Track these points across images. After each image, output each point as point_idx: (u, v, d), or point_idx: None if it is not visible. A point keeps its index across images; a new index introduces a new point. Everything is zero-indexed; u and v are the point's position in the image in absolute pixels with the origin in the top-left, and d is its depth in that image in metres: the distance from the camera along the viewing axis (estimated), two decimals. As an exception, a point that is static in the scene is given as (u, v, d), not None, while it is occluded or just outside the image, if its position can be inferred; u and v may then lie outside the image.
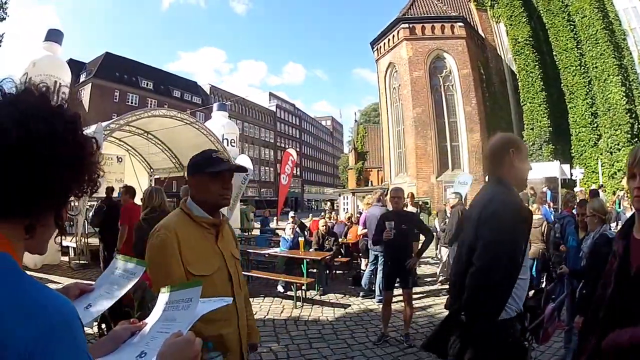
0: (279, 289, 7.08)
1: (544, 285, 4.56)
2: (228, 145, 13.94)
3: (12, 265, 0.65)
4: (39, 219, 0.72)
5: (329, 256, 7.57)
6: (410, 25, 23.27)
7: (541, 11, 22.69)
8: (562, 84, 21.34)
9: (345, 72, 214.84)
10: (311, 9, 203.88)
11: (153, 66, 50.72)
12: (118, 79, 42.65)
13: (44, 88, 0.74)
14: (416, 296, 6.30)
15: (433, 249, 9.48)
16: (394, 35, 24.34)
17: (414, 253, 4.99)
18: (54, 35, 10.36)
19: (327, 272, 8.07)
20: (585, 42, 20.49)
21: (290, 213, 10.49)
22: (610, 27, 20.23)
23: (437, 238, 8.66)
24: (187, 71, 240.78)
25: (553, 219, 7.15)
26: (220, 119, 15.54)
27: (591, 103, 20.19)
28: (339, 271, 8.97)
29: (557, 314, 2.74)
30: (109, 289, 1.16)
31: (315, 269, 7.37)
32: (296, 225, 8.64)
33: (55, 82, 9.04)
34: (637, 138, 18.35)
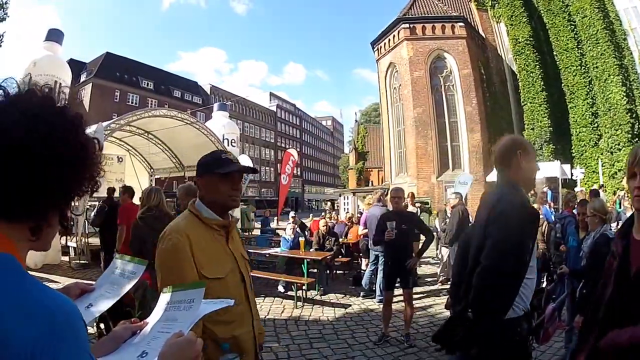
0: (280, 289, 7.08)
1: (545, 285, 4.55)
2: (228, 145, 13.94)
3: (15, 266, 0.65)
4: (46, 219, 0.72)
5: (329, 256, 7.57)
6: (411, 25, 23.28)
7: (542, 11, 22.68)
8: (563, 84, 21.33)
9: (346, 72, 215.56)
10: (311, 9, 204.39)
11: (153, 66, 50.83)
12: (118, 79, 42.67)
13: (48, 89, 0.74)
14: (417, 296, 6.30)
15: (433, 249, 9.48)
16: (394, 35, 24.34)
17: (415, 253, 4.99)
18: (54, 35, 10.36)
19: (328, 272, 8.06)
20: (586, 42, 20.48)
21: (291, 213, 10.49)
22: (611, 27, 20.22)
23: (438, 238, 8.66)
24: (188, 71, 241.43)
25: (554, 219, 7.15)
26: (221, 119, 15.56)
27: (592, 103, 20.18)
28: (339, 271, 8.97)
29: (558, 314, 2.74)
30: (110, 288, 1.17)
31: (315, 269, 7.37)
32: (297, 225, 8.64)
33: (55, 82, 9.04)
34: (638, 138, 18.33)
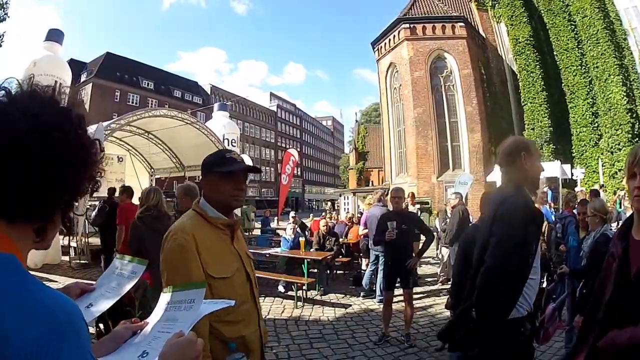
0: (280, 289, 7.08)
1: (545, 285, 4.56)
2: (229, 145, 13.95)
3: (17, 266, 0.65)
4: (51, 220, 0.72)
5: (329, 256, 7.57)
6: (411, 25, 23.28)
7: (542, 11, 22.68)
8: (563, 84, 21.34)
9: (346, 72, 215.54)
10: (312, 9, 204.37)
11: (154, 66, 50.82)
12: (119, 79, 42.68)
13: (48, 89, 0.74)
14: (417, 296, 6.29)
15: (434, 249, 9.48)
16: (394, 36, 24.34)
17: (415, 253, 4.99)
18: (54, 35, 10.36)
19: (328, 272, 8.06)
20: (586, 42, 20.49)
21: (291, 213, 10.50)
22: (611, 27, 20.23)
23: (438, 238, 8.66)
24: (188, 71, 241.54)
25: (554, 219, 7.14)
26: (221, 119, 15.57)
27: (592, 103, 20.19)
28: (339, 271, 8.96)
29: (558, 313, 2.74)
30: (110, 288, 1.17)
31: (316, 269, 7.37)
32: (297, 225, 8.64)
33: (55, 82, 9.00)
34: (638, 138, 18.33)
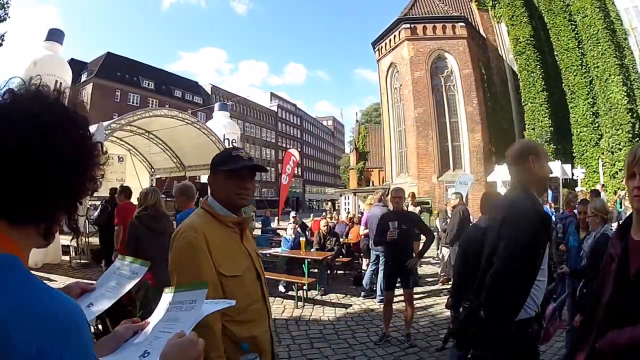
0: (280, 288, 7.07)
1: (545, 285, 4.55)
2: (229, 145, 13.94)
3: (19, 266, 0.65)
4: (55, 220, 0.72)
5: (330, 256, 7.57)
6: (412, 25, 23.29)
7: (542, 11, 22.67)
8: (564, 84, 21.32)
9: (347, 72, 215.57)
10: (312, 9, 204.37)
11: (154, 66, 50.86)
12: (119, 79, 42.71)
13: (49, 89, 0.74)
14: (417, 296, 6.29)
15: (434, 249, 9.48)
16: (395, 36, 24.35)
17: (415, 253, 4.99)
18: (55, 35, 10.37)
19: (329, 272, 8.06)
20: (587, 42, 20.46)
21: (292, 213, 10.50)
22: (612, 27, 20.21)
23: (439, 238, 8.65)
24: (188, 71, 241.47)
25: (555, 219, 7.13)
26: (222, 119, 15.58)
27: (592, 103, 20.17)
28: (340, 271, 8.95)
29: (558, 313, 2.75)
30: (111, 288, 1.17)
31: (316, 269, 7.37)
32: (297, 225, 8.64)
33: (56, 82, 9.04)
34: (639, 138, 18.31)
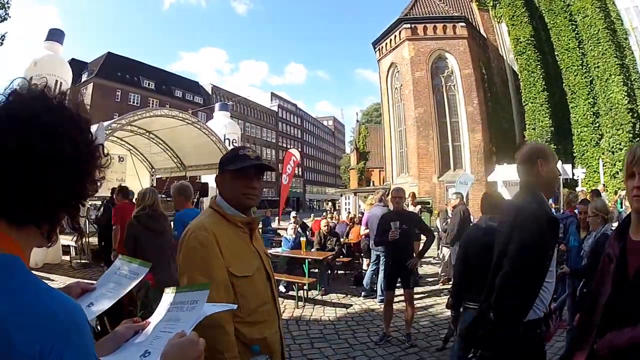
0: (281, 288, 7.06)
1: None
2: (230, 145, 13.93)
3: (21, 267, 0.65)
4: (57, 221, 0.73)
5: (330, 256, 7.57)
6: (412, 25, 23.28)
7: (543, 11, 22.65)
8: (564, 84, 21.29)
9: (347, 72, 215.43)
10: (312, 8, 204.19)
11: (155, 66, 50.84)
12: (120, 79, 42.73)
13: (49, 89, 0.74)
14: (418, 296, 6.29)
15: (435, 249, 9.48)
16: (396, 36, 24.35)
17: (415, 253, 4.99)
18: (55, 35, 10.37)
19: (329, 272, 8.06)
20: (587, 42, 20.44)
21: (292, 213, 10.51)
22: (612, 27, 20.17)
23: (439, 238, 8.65)
24: (189, 71, 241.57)
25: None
26: (222, 119, 15.58)
27: (593, 103, 20.14)
28: (340, 271, 8.96)
29: (559, 313, 2.75)
30: (111, 288, 1.17)
31: (316, 269, 7.37)
32: (298, 225, 8.64)
33: (56, 82, 9.07)
34: (639, 137, 18.28)
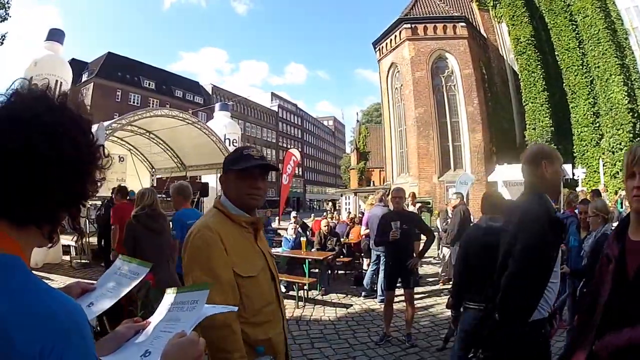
0: (281, 288, 7.06)
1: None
2: (230, 145, 13.95)
3: (21, 267, 0.65)
4: (58, 221, 0.73)
5: (331, 256, 7.57)
6: (413, 25, 23.27)
7: (543, 11, 22.64)
8: (564, 84, 21.28)
9: (347, 73, 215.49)
10: (312, 8, 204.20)
11: (155, 66, 50.76)
12: (120, 79, 42.71)
13: (50, 90, 0.74)
14: (418, 296, 6.28)
15: (435, 248, 9.47)
16: (396, 36, 24.34)
17: (416, 253, 4.99)
18: (55, 35, 10.38)
19: (329, 272, 8.06)
20: (587, 42, 20.43)
21: (293, 213, 10.50)
22: (612, 27, 20.16)
23: (439, 238, 8.65)
24: (189, 71, 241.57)
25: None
26: (223, 119, 15.59)
27: (593, 103, 20.13)
28: (340, 271, 8.95)
29: (559, 313, 2.75)
30: (112, 288, 1.17)
31: (317, 269, 7.37)
32: (298, 225, 8.64)
33: (56, 82, 9.08)
34: (639, 137, 18.27)
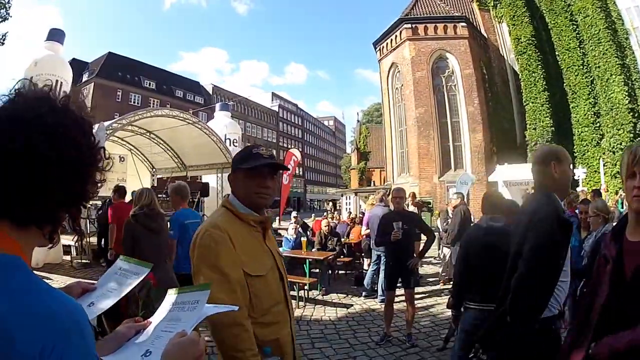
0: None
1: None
2: (230, 145, 13.95)
3: (22, 267, 0.65)
4: (58, 222, 0.73)
5: (331, 256, 7.57)
6: (413, 25, 23.28)
7: (544, 11, 22.62)
8: (565, 84, 21.26)
9: (348, 73, 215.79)
10: (312, 8, 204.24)
11: (155, 66, 50.72)
12: (120, 79, 42.72)
13: (52, 90, 0.73)
14: (418, 296, 6.28)
15: (435, 248, 9.47)
16: (396, 36, 24.34)
17: (416, 253, 4.99)
18: (55, 35, 10.39)
19: (330, 272, 8.06)
20: (588, 42, 20.40)
21: (293, 213, 10.49)
22: (613, 27, 20.14)
23: (440, 238, 8.64)
24: (190, 71, 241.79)
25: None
26: (223, 119, 15.59)
27: (594, 102, 20.11)
28: (341, 271, 8.96)
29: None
30: (112, 288, 1.16)
31: (317, 269, 7.37)
32: (299, 225, 8.64)
33: (56, 82, 8.99)
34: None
